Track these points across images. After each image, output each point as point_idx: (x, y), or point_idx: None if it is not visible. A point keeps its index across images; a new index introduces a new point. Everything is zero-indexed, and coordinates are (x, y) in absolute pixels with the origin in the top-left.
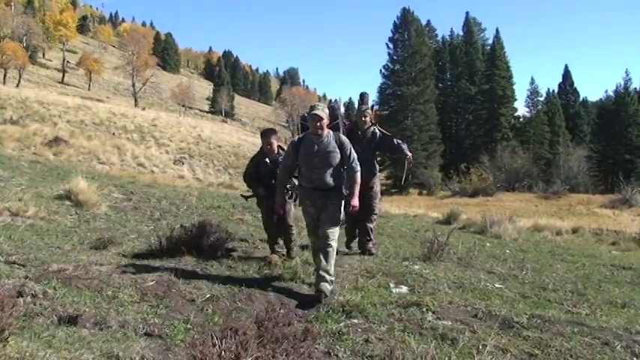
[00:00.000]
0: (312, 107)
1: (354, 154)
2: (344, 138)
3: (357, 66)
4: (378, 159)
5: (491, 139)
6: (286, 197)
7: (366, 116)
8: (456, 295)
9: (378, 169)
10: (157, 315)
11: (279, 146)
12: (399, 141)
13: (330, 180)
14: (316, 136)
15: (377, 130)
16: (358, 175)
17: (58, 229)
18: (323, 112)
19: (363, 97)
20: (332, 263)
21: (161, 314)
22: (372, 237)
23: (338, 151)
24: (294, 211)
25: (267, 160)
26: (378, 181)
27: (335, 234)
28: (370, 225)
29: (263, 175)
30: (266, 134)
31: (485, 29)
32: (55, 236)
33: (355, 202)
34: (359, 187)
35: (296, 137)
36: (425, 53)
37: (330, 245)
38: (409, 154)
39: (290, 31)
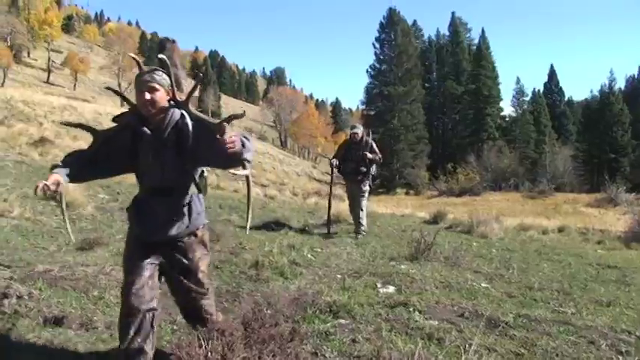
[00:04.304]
0: None
1: None
2: None
3: (344, 66)
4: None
5: (477, 138)
6: None
7: (154, 89)
8: (442, 294)
9: (201, 206)
10: None
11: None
12: (239, 135)
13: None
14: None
15: (186, 118)
16: None
17: (43, 230)
18: None
19: (162, 46)
20: None
21: None
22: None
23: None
24: None
25: None
26: (205, 231)
27: None
28: (206, 316)
29: None
30: None
31: (471, 29)
32: (41, 237)
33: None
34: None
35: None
36: (411, 53)
37: None
38: (246, 170)
39: (276, 30)
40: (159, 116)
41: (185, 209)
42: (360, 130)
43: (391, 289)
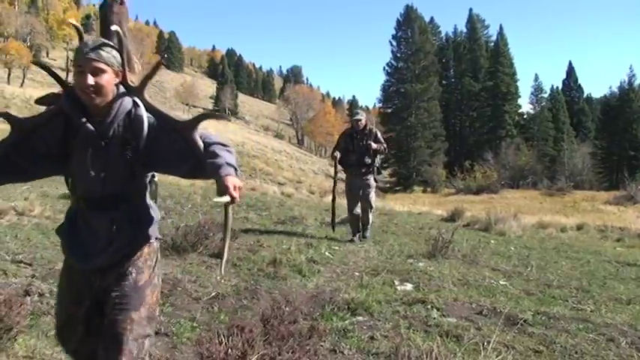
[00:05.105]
0: None
1: None
2: None
3: (361, 64)
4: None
5: (495, 136)
6: None
7: (100, 71)
8: (460, 292)
9: (154, 216)
10: (163, 313)
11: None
12: (212, 139)
13: None
14: None
15: (140, 109)
16: None
17: None
18: None
19: (108, 8)
20: None
21: (167, 312)
22: None
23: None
24: None
25: None
26: (155, 260)
27: None
28: None
29: None
30: None
31: (488, 26)
32: None
33: None
34: None
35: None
36: (428, 50)
37: None
38: (234, 186)
39: (293, 29)
40: (103, 104)
41: (132, 223)
42: (363, 118)
43: (409, 286)
